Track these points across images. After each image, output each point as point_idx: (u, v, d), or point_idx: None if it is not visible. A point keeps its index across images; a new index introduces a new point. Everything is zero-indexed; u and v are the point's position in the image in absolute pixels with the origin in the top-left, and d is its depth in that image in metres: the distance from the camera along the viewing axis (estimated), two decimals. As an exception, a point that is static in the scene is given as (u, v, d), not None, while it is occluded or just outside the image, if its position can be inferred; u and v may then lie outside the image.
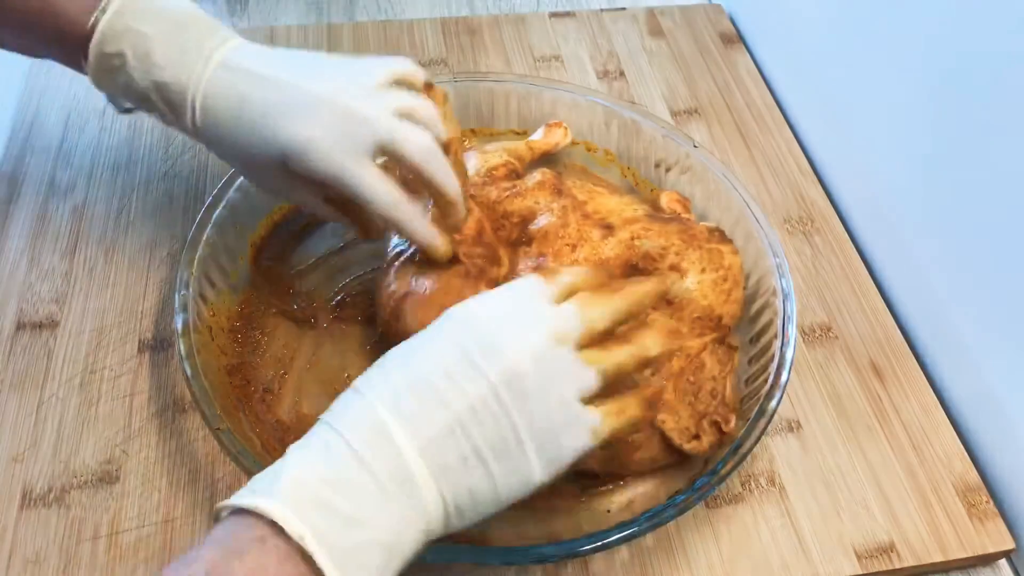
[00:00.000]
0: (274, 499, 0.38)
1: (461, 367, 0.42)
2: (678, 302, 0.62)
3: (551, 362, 0.43)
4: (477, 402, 0.41)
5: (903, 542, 0.58)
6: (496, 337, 0.43)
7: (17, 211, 0.73)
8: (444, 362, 0.42)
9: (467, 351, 0.42)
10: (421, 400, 0.41)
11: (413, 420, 0.41)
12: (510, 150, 0.71)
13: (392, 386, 0.42)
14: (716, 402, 0.59)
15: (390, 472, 0.40)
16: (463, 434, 0.41)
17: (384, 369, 0.43)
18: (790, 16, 0.87)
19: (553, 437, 0.43)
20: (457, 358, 0.42)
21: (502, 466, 0.42)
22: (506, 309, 0.45)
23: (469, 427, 0.41)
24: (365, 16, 0.96)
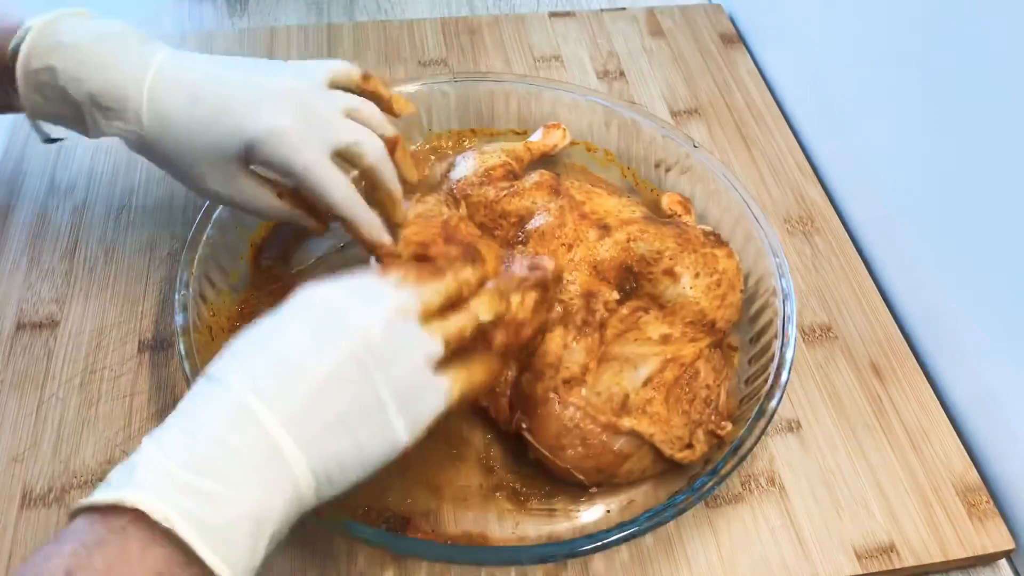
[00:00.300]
0: (134, 488, 0.37)
1: (315, 342, 0.43)
2: (671, 306, 0.62)
3: (398, 332, 0.45)
4: (335, 371, 0.42)
5: (903, 542, 0.58)
6: (345, 312, 0.44)
7: (17, 211, 0.73)
8: (298, 339, 0.43)
9: (319, 326, 0.44)
10: (279, 376, 0.42)
11: (274, 397, 0.41)
12: (508, 151, 0.71)
13: (248, 367, 0.42)
14: (710, 410, 0.59)
15: (254, 448, 0.40)
16: (325, 404, 0.42)
17: (236, 353, 0.44)
18: (790, 16, 0.87)
19: (411, 400, 0.45)
20: (310, 334, 0.43)
21: (367, 430, 0.43)
22: (351, 290, 0.46)
23: (330, 396, 0.42)
24: (365, 16, 0.96)
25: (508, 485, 0.58)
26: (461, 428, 0.61)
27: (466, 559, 0.53)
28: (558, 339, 0.58)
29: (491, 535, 0.56)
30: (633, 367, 0.58)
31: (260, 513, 0.39)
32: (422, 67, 0.87)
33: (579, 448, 0.55)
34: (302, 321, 0.44)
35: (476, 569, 0.56)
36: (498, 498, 0.58)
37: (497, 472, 0.59)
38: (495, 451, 0.60)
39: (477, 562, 0.54)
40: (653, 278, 0.62)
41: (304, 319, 0.44)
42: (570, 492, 0.58)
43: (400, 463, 0.59)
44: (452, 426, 0.61)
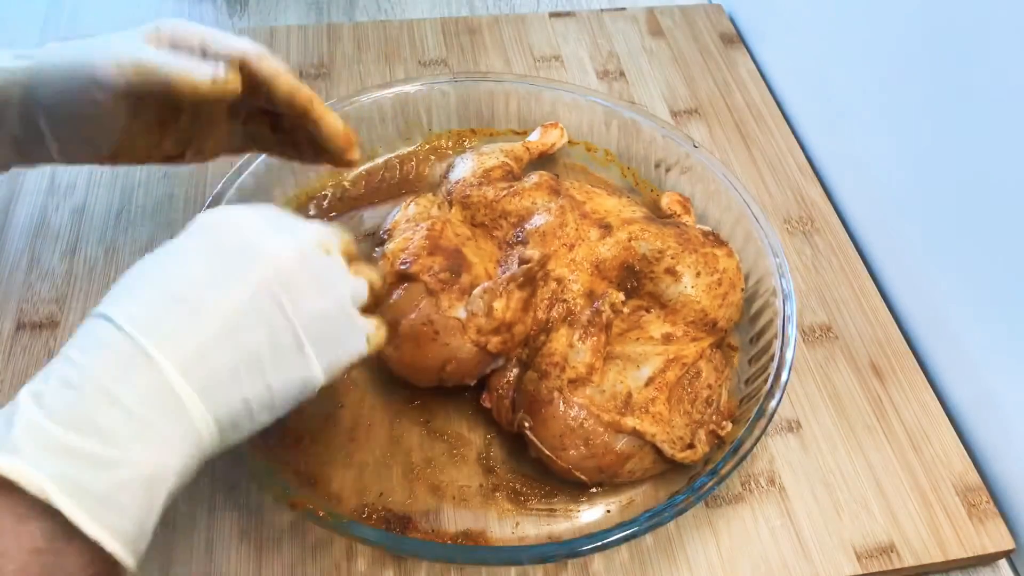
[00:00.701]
0: (6, 454, 0.33)
1: (219, 272, 0.39)
2: (672, 305, 0.62)
3: (320, 265, 0.41)
4: (244, 306, 0.38)
5: (903, 542, 0.58)
6: (256, 238, 0.40)
7: (17, 211, 0.73)
8: (198, 270, 0.39)
9: (225, 254, 0.39)
10: (178, 314, 0.37)
11: (171, 337, 0.37)
12: (507, 151, 0.71)
13: (143, 304, 0.38)
14: (711, 410, 0.59)
15: (147, 400, 0.36)
16: (231, 343, 0.38)
17: (130, 288, 0.39)
18: (790, 16, 0.87)
19: (332, 338, 0.42)
20: (214, 263, 0.39)
21: (279, 372, 0.39)
22: (265, 218, 0.42)
23: (238, 334, 0.38)
24: (365, 16, 0.96)
25: (508, 485, 0.58)
26: (462, 428, 0.61)
27: (466, 559, 0.53)
28: (563, 339, 0.58)
29: (491, 535, 0.56)
30: (635, 366, 0.58)
31: (153, 473, 0.36)
32: (422, 67, 0.87)
33: (581, 448, 0.55)
34: (205, 248, 0.40)
35: (476, 569, 0.56)
36: (498, 498, 0.58)
37: (497, 472, 0.59)
38: (495, 451, 0.60)
39: (477, 562, 0.54)
40: (655, 277, 0.62)
41: (208, 246, 0.40)
42: (570, 492, 0.58)
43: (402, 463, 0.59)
44: (453, 426, 0.61)
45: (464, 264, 0.60)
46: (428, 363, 0.57)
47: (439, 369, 0.57)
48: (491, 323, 0.57)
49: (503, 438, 0.61)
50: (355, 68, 0.87)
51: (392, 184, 0.75)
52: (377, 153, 0.77)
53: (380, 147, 0.77)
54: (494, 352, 0.58)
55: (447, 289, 0.58)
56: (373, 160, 0.77)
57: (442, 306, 0.57)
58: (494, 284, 0.58)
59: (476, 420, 0.62)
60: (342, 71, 0.86)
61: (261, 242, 0.40)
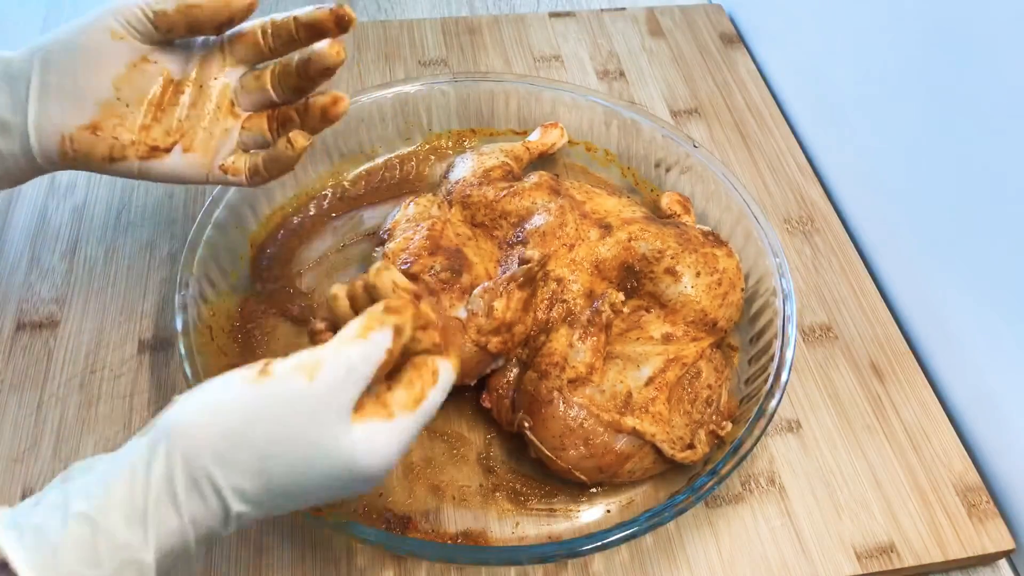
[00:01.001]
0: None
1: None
2: (672, 305, 0.62)
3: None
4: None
5: (903, 542, 0.58)
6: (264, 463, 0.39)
7: (17, 211, 0.73)
8: (170, 487, 0.38)
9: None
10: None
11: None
12: (507, 151, 0.71)
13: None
14: (711, 411, 0.59)
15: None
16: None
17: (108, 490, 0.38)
18: (790, 16, 0.87)
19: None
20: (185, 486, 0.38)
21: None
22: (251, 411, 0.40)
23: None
24: (365, 16, 0.96)
25: (508, 485, 0.58)
26: (462, 428, 0.61)
27: (466, 559, 0.53)
28: (563, 339, 0.58)
29: (491, 535, 0.56)
30: (635, 366, 0.58)
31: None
32: (422, 67, 0.87)
33: (581, 448, 0.55)
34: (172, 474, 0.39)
35: (476, 569, 0.56)
36: (498, 498, 0.58)
37: (497, 472, 0.59)
38: (495, 451, 0.60)
39: (477, 562, 0.54)
40: (654, 277, 0.62)
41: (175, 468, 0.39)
42: (570, 492, 0.58)
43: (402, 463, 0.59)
44: (453, 426, 0.61)
45: (464, 264, 0.60)
46: None
47: None
48: (491, 323, 0.57)
49: (503, 438, 0.61)
50: (355, 68, 0.87)
51: (392, 184, 0.75)
52: (377, 153, 0.77)
53: (380, 147, 0.77)
54: (494, 352, 0.58)
55: (447, 289, 0.58)
56: (373, 160, 0.77)
57: (442, 306, 0.57)
58: (494, 284, 0.58)
59: (476, 420, 0.62)
60: (342, 71, 0.85)
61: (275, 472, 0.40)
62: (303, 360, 0.40)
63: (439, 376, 0.44)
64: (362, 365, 0.40)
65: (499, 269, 0.62)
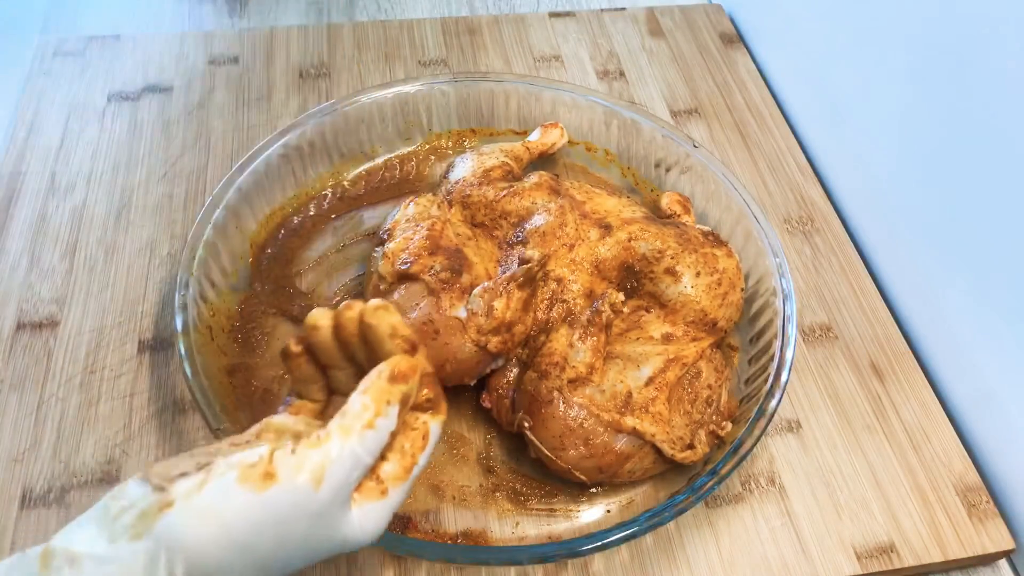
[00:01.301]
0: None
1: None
2: (672, 305, 0.62)
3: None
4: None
5: (903, 542, 0.58)
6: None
7: (17, 211, 0.73)
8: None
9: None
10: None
11: None
12: (507, 151, 0.71)
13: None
14: (711, 410, 0.59)
15: None
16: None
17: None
18: (790, 16, 0.87)
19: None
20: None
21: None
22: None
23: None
24: (365, 16, 0.96)
25: (508, 485, 0.58)
26: (462, 428, 0.61)
27: (466, 559, 0.53)
28: (563, 339, 0.58)
29: (491, 535, 0.56)
30: (635, 366, 0.58)
31: None
32: (422, 67, 0.87)
33: (581, 448, 0.55)
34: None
35: (476, 569, 0.56)
36: (498, 498, 0.58)
37: (497, 472, 0.59)
38: (495, 451, 0.60)
39: (477, 562, 0.54)
40: (654, 277, 0.62)
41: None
42: (570, 492, 0.58)
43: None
44: (453, 426, 0.61)
45: (464, 264, 0.60)
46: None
47: (439, 369, 0.57)
48: (491, 323, 0.57)
49: (503, 438, 0.61)
50: (355, 68, 0.87)
51: (392, 184, 0.75)
52: (377, 153, 0.77)
53: (380, 147, 0.77)
54: (494, 352, 0.58)
55: (447, 289, 0.58)
56: (373, 160, 0.77)
57: (442, 306, 0.57)
58: (494, 284, 0.58)
59: (476, 420, 0.62)
60: (342, 71, 0.86)
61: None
62: (308, 462, 0.38)
63: (429, 439, 0.43)
64: (366, 457, 0.40)
65: (499, 269, 0.62)
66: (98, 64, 0.85)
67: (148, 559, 0.36)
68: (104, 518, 0.37)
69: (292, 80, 0.85)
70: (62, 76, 0.83)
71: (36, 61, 0.84)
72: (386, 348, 0.43)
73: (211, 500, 0.37)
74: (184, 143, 0.78)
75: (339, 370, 0.45)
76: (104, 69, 0.84)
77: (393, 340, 0.42)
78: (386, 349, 0.43)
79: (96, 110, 0.81)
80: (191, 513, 0.37)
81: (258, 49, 0.88)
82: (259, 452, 0.38)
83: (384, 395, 0.41)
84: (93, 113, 0.81)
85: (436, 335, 0.57)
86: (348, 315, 0.43)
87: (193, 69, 0.85)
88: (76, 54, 0.85)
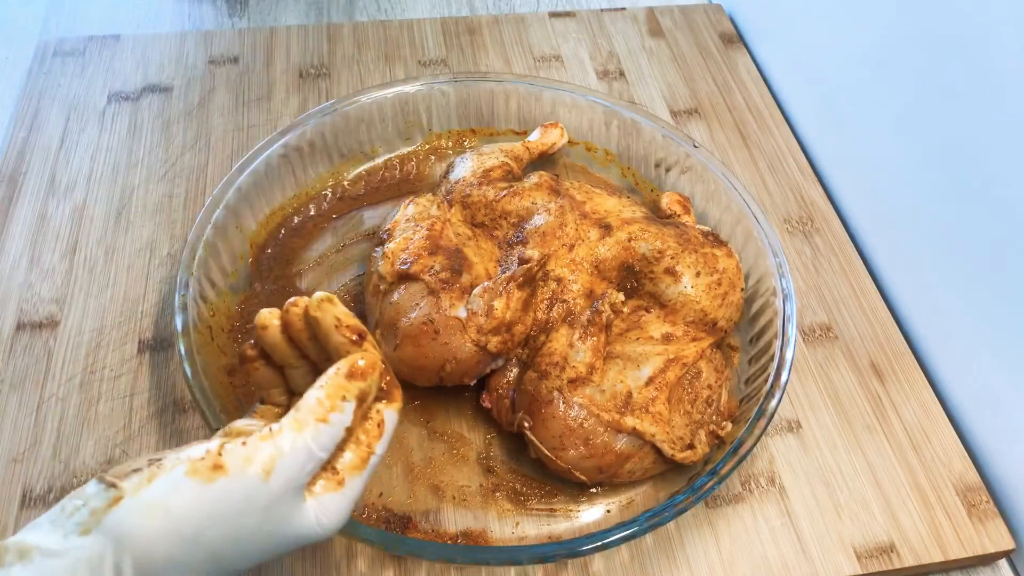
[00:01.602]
0: None
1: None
2: (672, 305, 0.62)
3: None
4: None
5: (903, 542, 0.58)
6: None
7: (17, 211, 0.73)
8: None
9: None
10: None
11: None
12: (507, 151, 0.71)
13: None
14: (711, 410, 0.59)
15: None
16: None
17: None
18: (790, 16, 0.87)
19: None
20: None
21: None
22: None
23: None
24: (365, 16, 0.96)
25: (508, 485, 0.58)
26: (462, 428, 0.61)
27: (466, 559, 0.53)
28: (563, 339, 0.58)
29: (491, 535, 0.56)
30: (636, 366, 0.58)
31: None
32: (422, 67, 0.87)
33: (581, 448, 0.55)
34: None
35: (476, 569, 0.56)
36: (498, 498, 0.58)
37: (497, 472, 0.59)
38: (495, 451, 0.60)
39: (477, 562, 0.54)
40: (654, 277, 0.62)
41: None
42: (570, 492, 0.58)
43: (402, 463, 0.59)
44: (453, 426, 0.61)
45: (464, 264, 0.60)
46: (428, 362, 0.57)
47: (439, 369, 0.57)
48: (491, 322, 0.57)
49: (503, 438, 0.61)
50: (355, 68, 0.87)
51: (392, 184, 0.75)
52: (377, 153, 0.77)
53: (380, 147, 0.77)
54: (494, 352, 0.58)
55: (447, 289, 0.58)
56: (373, 160, 0.77)
57: (442, 305, 0.57)
58: (494, 284, 0.58)
59: (476, 420, 0.62)
60: (342, 71, 0.86)
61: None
62: (259, 454, 0.38)
63: (385, 427, 0.43)
64: (319, 452, 0.40)
65: (499, 269, 0.62)
66: (98, 64, 0.85)
67: (96, 553, 0.36)
68: (59, 516, 0.37)
69: (292, 80, 0.85)
70: (62, 76, 0.83)
71: (36, 61, 0.84)
72: (333, 340, 0.43)
73: (159, 493, 0.37)
74: (184, 143, 0.78)
75: (294, 369, 0.45)
76: (104, 69, 0.84)
77: (340, 331, 0.42)
78: (333, 341, 0.43)
79: (96, 110, 0.81)
80: (138, 506, 0.37)
81: (258, 49, 0.88)
82: (208, 446, 0.38)
83: (340, 391, 0.40)
84: (93, 113, 0.81)
85: (436, 335, 0.57)
86: (294, 311, 0.43)
87: (193, 69, 0.85)
88: (76, 54, 0.85)
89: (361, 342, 0.43)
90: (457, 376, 0.58)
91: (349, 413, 0.41)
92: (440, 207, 0.66)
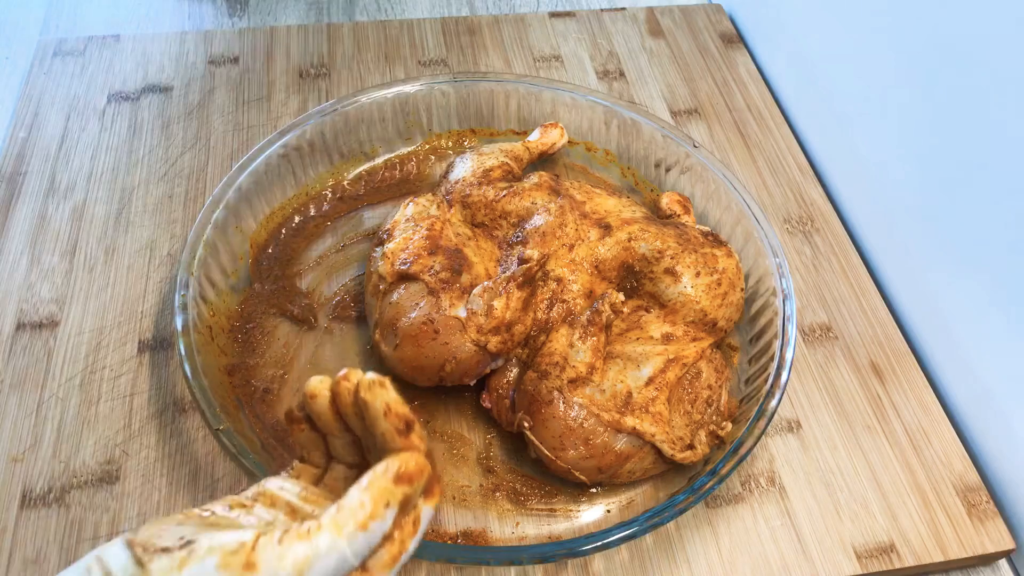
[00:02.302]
0: None
1: None
2: (672, 305, 0.62)
3: None
4: None
5: (903, 542, 0.58)
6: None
7: (17, 211, 0.73)
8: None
9: None
10: None
11: None
12: (507, 151, 0.71)
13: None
14: (711, 410, 0.59)
15: None
16: None
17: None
18: (790, 16, 0.87)
19: None
20: None
21: None
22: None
23: None
24: (365, 16, 0.96)
25: (508, 485, 0.58)
26: (462, 428, 0.61)
27: (466, 559, 0.53)
28: (563, 339, 0.58)
29: (491, 535, 0.56)
30: (636, 366, 0.58)
31: None
32: (422, 67, 0.87)
33: (581, 448, 0.55)
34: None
35: (476, 569, 0.56)
36: (498, 498, 0.58)
37: (497, 472, 0.59)
38: (495, 451, 0.60)
39: (477, 562, 0.54)
40: (654, 277, 0.62)
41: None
42: (570, 492, 0.58)
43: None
44: (453, 426, 0.61)
45: (464, 263, 0.60)
46: (428, 362, 0.57)
47: (439, 368, 0.57)
48: (491, 322, 0.57)
49: (503, 438, 0.61)
50: (355, 68, 0.87)
51: (392, 184, 0.75)
52: (377, 153, 0.77)
53: (380, 147, 0.77)
54: (493, 352, 0.58)
55: (447, 288, 0.58)
56: (373, 160, 0.77)
57: (442, 305, 0.57)
58: (494, 283, 0.58)
59: (476, 420, 0.62)
60: (342, 71, 0.86)
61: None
62: (291, 553, 0.37)
63: (420, 523, 0.42)
64: (353, 559, 0.38)
65: (499, 269, 0.62)
66: (98, 64, 0.85)
67: None
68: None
69: (292, 80, 0.85)
70: (62, 76, 0.83)
71: (36, 61, 0.84)
72: (380, 426, 0.42)
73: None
74: (184, 143, 0.78)
75: (336, 438, 0.45)
76: (104, 69, 0.84)
77: (388, 418, 0.41)
78: (380, 427, 0.42)
79: (96, 110, 0.81)
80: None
81: (258, 49, 0.88)
82: (243, 538, 0.37)
83: (384, 495, 0.39)
84: (93, 113, 0.81)
85: (436, 334, 0.57)
86: (344, 386, 0.43)
87: (193, 69, 0.85)
88: (76, 54, 0.85)
89: (408, 433, 0.42)
90: (457, 376, 0.58)
91: (390, 520, 0.39)
92: (440, 207, 0.66)
